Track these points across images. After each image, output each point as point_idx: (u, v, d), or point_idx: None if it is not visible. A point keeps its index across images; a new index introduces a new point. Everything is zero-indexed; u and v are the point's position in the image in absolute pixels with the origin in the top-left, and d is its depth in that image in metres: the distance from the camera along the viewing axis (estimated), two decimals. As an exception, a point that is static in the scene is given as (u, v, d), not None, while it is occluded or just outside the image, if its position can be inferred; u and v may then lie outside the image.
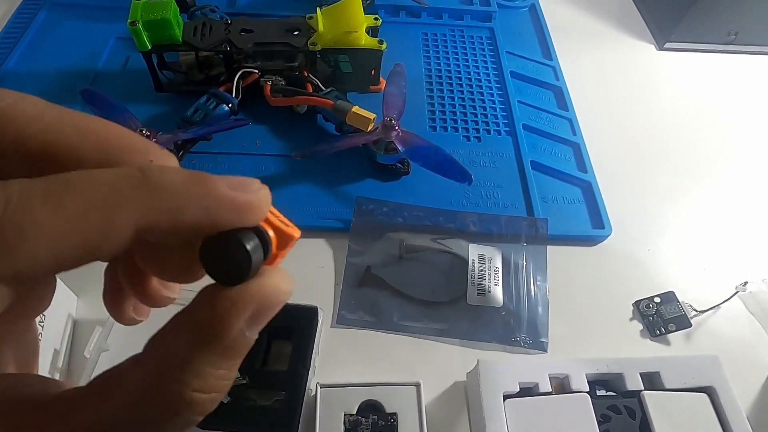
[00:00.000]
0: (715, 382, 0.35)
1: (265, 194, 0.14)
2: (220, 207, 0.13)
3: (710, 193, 0.52)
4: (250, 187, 0.13)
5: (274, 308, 0.14)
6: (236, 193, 0.13)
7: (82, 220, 0.11)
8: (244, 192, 0.13)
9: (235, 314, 0.13)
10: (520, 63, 0.61)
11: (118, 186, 0.12)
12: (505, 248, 0.44)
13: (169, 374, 0.12)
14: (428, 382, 0.36)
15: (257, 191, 0.13)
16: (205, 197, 0.12)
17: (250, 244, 0.13)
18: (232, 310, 0.13)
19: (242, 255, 0.13)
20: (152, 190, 0.12)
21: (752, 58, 0.67)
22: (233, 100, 0.48)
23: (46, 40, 0.58)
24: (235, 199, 0.13)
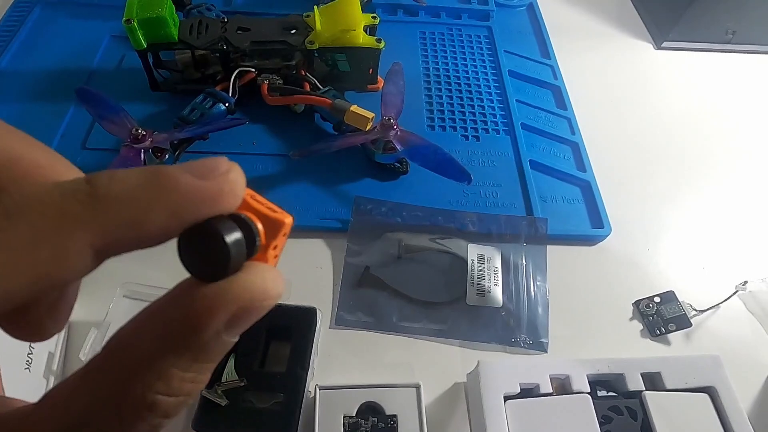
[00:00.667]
0: (716, 382, 0.35)
1: (236, 175, 0.12)
2: (185, 203, 0.11)
3: (710, 192, 0.52)
4: (218, 170, 0.12)
5: (257, 311, 0.12)
6: (202, 182, 0.11)
7: (29, 252, 0.10)
8: (212, 177, 0.11)
9: (212, 315, 0.11)
10: (519, 62, 0.61)
11: (65, 206, 0.10)
12: (505, 248, 0.44)
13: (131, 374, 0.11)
14: (428, 383, 0.36)
15: (226, 173, 0.12)
16: (165, 198, 0.11)
17: (228, 234, 0.12)
18: (208, 310, 0.11)
19: (220, 247, 0.11)
20: (104, 204, 0.10)
21: (750, 57, 0.67)
22: (230, 99, 0.48)
23: (40, 39, 0.58)
24: (201, 189, 0.11)
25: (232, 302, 0.11)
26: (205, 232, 0.11)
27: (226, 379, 0.33)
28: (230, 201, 0.12)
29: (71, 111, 0.51)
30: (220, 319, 0.11)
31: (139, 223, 0.11)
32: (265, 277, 0.12)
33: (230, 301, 0.11)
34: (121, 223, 0.11)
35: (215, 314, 0.11)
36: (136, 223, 0.11)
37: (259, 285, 0.12)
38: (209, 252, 0.11)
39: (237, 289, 0.12)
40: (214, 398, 0.32)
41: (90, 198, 0.10)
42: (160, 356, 0.11)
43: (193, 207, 0.11)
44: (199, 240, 0.11)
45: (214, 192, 0.11)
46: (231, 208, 0.12)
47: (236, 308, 0.11)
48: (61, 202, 0.10)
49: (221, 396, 0.33)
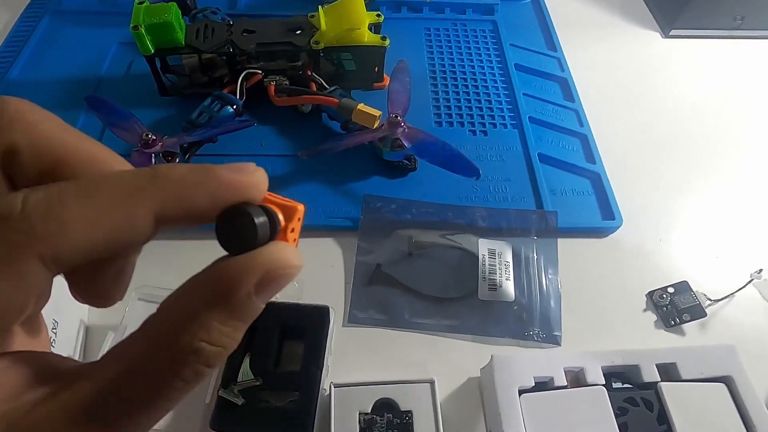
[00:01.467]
0: (733, 371, 0.34)
1: (262, 174, 0.15)
2: (223, 189, 0.14)
3: (721, 180, 0.51)
4: (248, 169, 0.15)
5: (280, 278, 0.14)
6: (236, 175, 0.14)
7: (110, 211, 0.13)
8: (243, 174, 0.15)
9: (244, 277, 0.14)
10: (525, 55, 0.61)
11: (137, 182, 0.13)
12: (515, 242, 0.44)
13: (179, 325, 0.14)
14: (442, 378, 0.36)
15: (254, 172, 0.15)
16: (209, 183, 0.14)
17: (256, 215, 0.14)
18: (240, 273, 0.14)
19: (248, 224, 0.14)
20: (164, 183, 0.14)
21: (760, 43, 0.66)
22: (238, 101, 0.48)
23: (48, 48, 0.58)
24: (235, 180, 0.14)
25: (260, 267, 0.14)
26: (237, 213, 0.14)
27: (242, 379, 0.34)
28: (256, 191, 0.15)
29: (82, 119, 0.51)
30: (250, 281, 0.14)
31: (189, 199, 0.14)
32: (286, 250, 0.15)
33: (258, 266, 0.14)
34: (176, 198, 0.14)
35: (246, 277, 0.14)
36: (186, 199, 0.14)
37: (281, 254, 0.14)
38: (241, 229, 0.14)
39: (263, 257, 0.14)
40: (231, 398, 0.33)
41: (153, 176, 0.14)
42: (204, 310, 0.14)
43: (227, 193, 0.14)
44: (232, 220, 0.14)
45: (244, 183, 0.15)
46: (256, 197, 0.15)
47: (263, 273, 0.14)
48: (132, 178, 0.14)
49: (238, 395, 0.33)
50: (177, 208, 0.14)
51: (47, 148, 0.15)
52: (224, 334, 0.14)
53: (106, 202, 0.13)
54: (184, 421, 0.35)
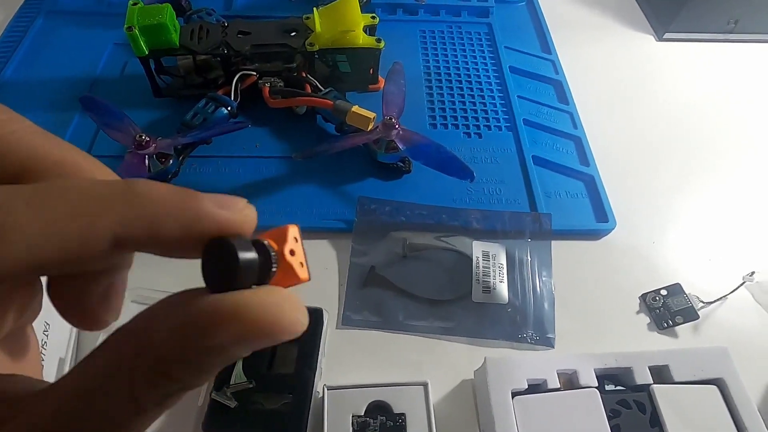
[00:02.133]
0: (725, 373, 0.34)
1: (249, 213, 0.13)
2: (200, 223, 0.12)
3: (715, 183, 0.52)
4: (236, 206, 0.13)
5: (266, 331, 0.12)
6: (219, 210, 0.13)
7: (62, 224, 0.11)
8: (229, 211, 0.13)
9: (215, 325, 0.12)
10: (519, 58, 0.61)
11: (101, 194, 0.12)
12: (509, 244, 0.44)
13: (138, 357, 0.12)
14: (435, 381, 0.36)
15: (242, 210, 0.13)
16: (185, 211, 0.12)
17: (241, 248, 0.12)
18: (212, 318, 0.12)
19: (231, 259, 0.12)
20: (134, 199, 0.12)
21: (753, 47, 0.67)
22: (232, 103, 0.48)
23: (43, 49, 0.58)
24: (216, 215, 0.13)
25: (238, 315, 0.12)
26: (221, 245, 0.12)
27: (234, 381, 0.33)
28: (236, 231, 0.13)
29: (76, 119, 0.51)
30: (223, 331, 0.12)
31: (158, 225, 0.12)
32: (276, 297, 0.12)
33: (235, 314, 0.12)
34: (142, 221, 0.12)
35: (219, 325, 0.12)
36: (154, 225, 0.12)
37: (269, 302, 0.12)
38: (222, 263, 0.12)
39: (242, 302, 0.12)
40: (224, 400, 0.33)
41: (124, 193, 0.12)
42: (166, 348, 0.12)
43: (205, 227, 0.13)
44: (216, 252, 0.13)
45: (226, 221, 0.13)
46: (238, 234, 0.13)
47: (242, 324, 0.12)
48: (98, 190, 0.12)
49: (230, 398, 0.33)
50: (142, 232, 0.12)
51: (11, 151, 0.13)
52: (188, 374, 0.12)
53: (59, 213, 0.11)
54: (176, 423, 0.35)
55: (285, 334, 0.12)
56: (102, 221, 0.12)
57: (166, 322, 0.12)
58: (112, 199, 0.12)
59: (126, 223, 0.12)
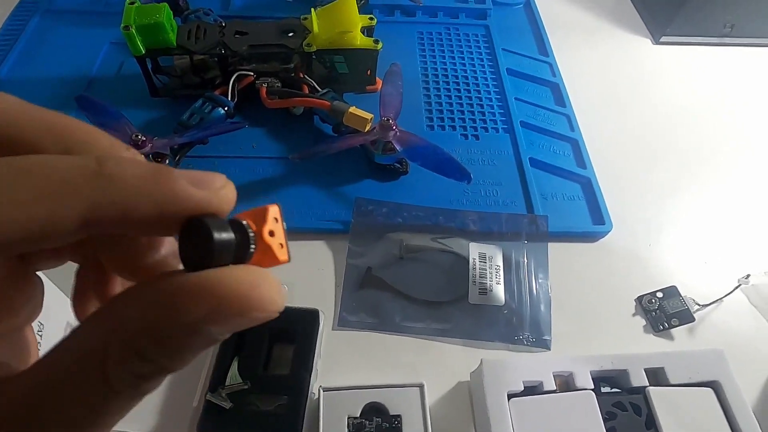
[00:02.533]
0: (720, 376, 0.35)
1: (227, 193, 0.13)
2: (175, 203, 0.12)
3: (710, 186, 0.52)
4: (212, 184, 0.13)
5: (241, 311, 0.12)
6: (194, 191, 0.12)
7: (28, 207, 0.11)
8: (205, 188, 0.12)
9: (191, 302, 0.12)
10: (517, 60, 0.61)
11: (70, 175, 0.11)
12: (506, 246, 0.44)
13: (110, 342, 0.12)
14: (432, 382, 0.36)
15: (219, 189, 0.13)
16: (158, 192, 0.12)
17: (216, 228, 0.12)
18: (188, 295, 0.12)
19: (205, 237, 0.12)
20: (104, 182, 0.11)
21: (748, 50, 0.67)
22: (229, 103, 0.48)
23: (39, 47, 0.58)
24: (191, 196, 0.12)
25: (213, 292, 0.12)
26: (196, 225, 0.12)
27: (229, 383, 0.33)
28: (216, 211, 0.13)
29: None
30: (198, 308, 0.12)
31: (128, 207, 0.12)
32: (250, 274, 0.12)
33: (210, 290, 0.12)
34: (114, 201, 0.11)
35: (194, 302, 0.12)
36: (125, 206, 0.12)
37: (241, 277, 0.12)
38: (198, 243, 0.12)
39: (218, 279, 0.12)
40: (219, 401, 0.33)
41: (94, 173, 0.11)
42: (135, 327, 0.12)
43: (180, 207, 0.12)
44: (192, 231, 0.12)
45: (202, 200, 0.12)
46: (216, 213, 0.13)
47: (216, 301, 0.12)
48: (67, 170, 0.11)
49: (225, 399, 0.33)
50: (113, 215, 0.12)
51: None
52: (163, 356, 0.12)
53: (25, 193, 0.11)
54: (170, 424, 0.34)
55: (259, 311, 0.12)
56: (70, 204, 0.11)
57: (139, 301, 0.12)
58: (80, 182, 0.11)
59: (95, 207, 0.11)
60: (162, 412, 0.35)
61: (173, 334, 0.12)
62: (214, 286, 0.12)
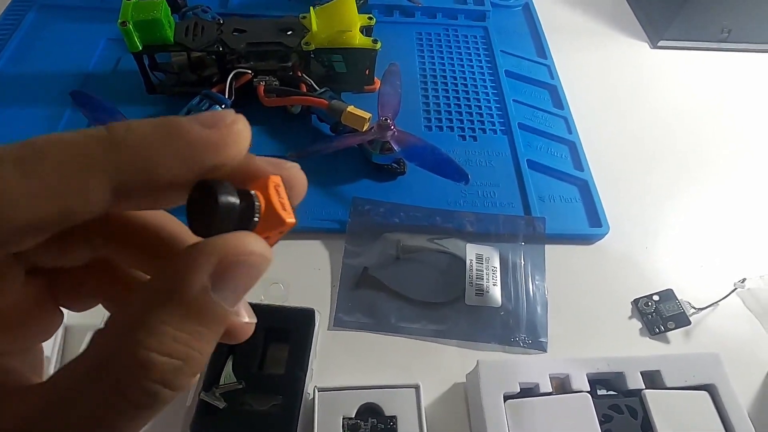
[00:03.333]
0: (716, 379, 0.34)
1: (241, 126, 0.13)
2: (193, 150, 0.12)
3: (707, 190, 0.52)
4: (224, 120, 0.12)
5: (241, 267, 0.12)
6: (208, 131, 0.12)
7: (56, 181, 0.11)
8: (218, 127, 0.12)
9: (193, 266, 0.12)
10: (515, 62, 0.61)
11: (88, 148, 0.11)
12: (503, 248, 0.44)
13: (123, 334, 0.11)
14: (427, 384, 0.35)
15: (231, 124, 0.12)
16: (175, 143, 0.12)
17: (223, 194, 0.12)
18: (189, 259, 0.12)
19: (211, 203, 0.12)
20: (121, 148, 0.11)
21: (745, 56, 0.67)
22: (226, 101, 0.47)
23: (34, 42, 0.57)
24: (207, 137, 0.12)
25: (212, 253, 0.12)
26: (204, 188, 0.12)
27: (224, 382, 0.33)
28: (233, 150, 0.12)
29: (67, 114, 0.50)
30: (201, 270, 0.12)
31: (151, 166, 0.12)
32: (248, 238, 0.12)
33: (210, 252, 0.12)
34: (135, 166, 0.11)
35: (197, 266, 0.12)
36: (148, 166, 0.12)
37: (240, 241, 0.12)
38: (204, 207, 0.12)
39: (218, 241, 0.12)
40: (212, 401, 0.32)
41: (108, 143, 0.11)
42: (149, 310, 0.11)
43: (199, 154, 0.12)
44: (199, 196, 0.12)
45: (218, 140, 0.12)
46: (235, 156, 0.13)
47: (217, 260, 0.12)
48: (84, 143, 0.11)
49: (219, 399, 0.32)
50: (138, 178, 0.12)
51: None
52: (181, 341, 0.11)
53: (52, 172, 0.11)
54: (163, 424, 0.34)
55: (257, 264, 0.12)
56: (95, 177, 0.11)
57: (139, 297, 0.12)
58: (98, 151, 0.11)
59: (120, 173, 0.11)
60: (155, 411, 0.35)
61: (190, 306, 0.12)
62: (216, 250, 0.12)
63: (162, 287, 0.12)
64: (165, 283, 0.12)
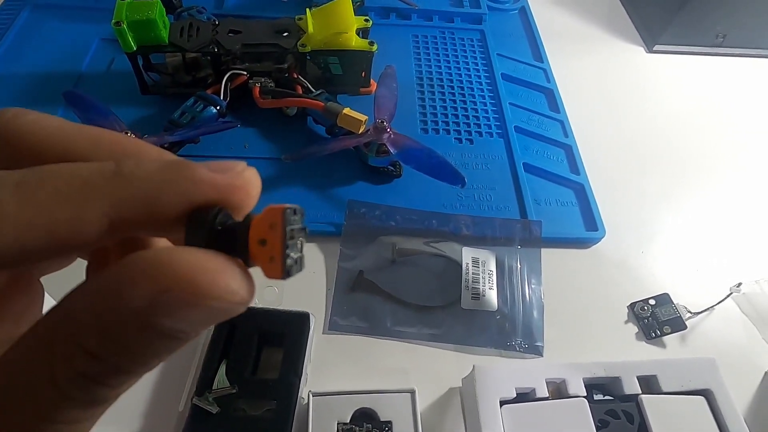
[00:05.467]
0: (712, 384, 0.34)
1: (252, 174, 0.13)
2: (198, 190, 0.12)
3: (703, 194, 0.52)
4: (234, 169, 0.12)
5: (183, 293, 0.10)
6: (215, 175, 0.12)
7: (51, 210, 0.11)
8: (227, 173, 0.12)
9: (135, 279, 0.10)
10: (511, 65, 0.61)
11: (91, 178, 0.11)
12: (499, 251, 0.44)
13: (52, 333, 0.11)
14: (423, 388, 0.35)
15: (241, 173, 0.12)
16: (181, 182, 0.12)
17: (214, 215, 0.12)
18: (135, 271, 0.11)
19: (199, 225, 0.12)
20: (124, 180, 0.11)
21: (740, 60, 0.68)
22: (221, 102, 0.47)
23: (28, 42, 0.57)
24: (214, 179, 0.12)
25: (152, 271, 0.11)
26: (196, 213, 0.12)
27: (217, 387, 0.33)
28: (242, 195, 0.12)
29: (60, 115, 0.49)
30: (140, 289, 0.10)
31: (152, 200, 0.11)
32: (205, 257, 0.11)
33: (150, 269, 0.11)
34: (136, 199, 0.11)
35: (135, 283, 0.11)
36: (149, 200, 0.11)
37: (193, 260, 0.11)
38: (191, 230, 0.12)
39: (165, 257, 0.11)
40: (205, 406, 0.32)
41: (114, 174, 0.11)
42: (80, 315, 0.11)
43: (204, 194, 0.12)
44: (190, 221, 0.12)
45: (225, 184, 0.12)
46: (241, 202, 0.12)
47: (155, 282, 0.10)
48: (88, 174, 0.11)
49: (213, 404, 0.32)
50: (138, 210, 0.11)
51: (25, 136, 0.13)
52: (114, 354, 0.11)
53: (48, 200, 0.11)
54: (155, 429, 0.34)
55: (211, 299, 0.11)
56: (93, 207, 0.11)
57: (87, 289, 0.11)
58: (101, 182, 0.11)
59: (120, 205, 0.11)
60: (146, 416, 0.34)
61: (120, 326, 0.11)
62: (159, 266, 0.11)
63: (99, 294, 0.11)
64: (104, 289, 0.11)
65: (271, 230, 0.12)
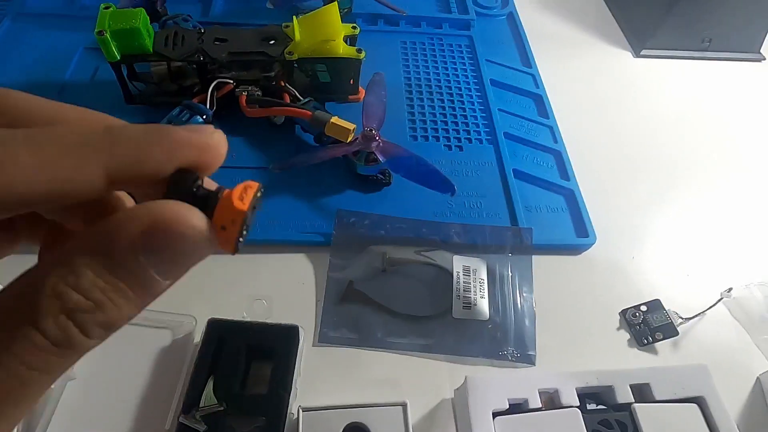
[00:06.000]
0: (705, 391, 0.34)
1: (220, 135, 0.15)
2: (180, 148, 0.14)
3: (692, 199, 0.52)
4: (206, 131, 0.15)
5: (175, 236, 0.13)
6: (192, 134, 0.14)
7: (57, 161, 0.12)
8: (201, 134, 0.14)
9: (125, 221, 0.13)
10: (500, 71, 0.61)
11: (89, 137, 0.13)
12: (490, 259, 0.44)
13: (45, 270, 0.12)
14: (415, 400, 0.35)
15: (212, 133, 0.15)
16: (164, 141, 0.14)
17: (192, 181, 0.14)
18: (123, 217, 0.13)
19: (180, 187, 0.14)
20: (118, 140, 0.13)
21: (726, 65, 0.68)
22: (207, 111, 0.46)
23: (10, 51, 0.56)
24: (191, 138, 0.14)
25: (146, 213, 0.13)
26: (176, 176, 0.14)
27: (204, 404, 0.32)
28: (214, 152, 0.14)
29: (42, 125, 0.49)
30: (132, 225, 0.13)
31: (142, 157, 0.13)
32: (185, 208, 0.13)
33: (144, 212, 0.13)
34: (130, 155, 0.13)
35: (128, 219, 0.13)
36: (140, 157, 0.13)
37: (176, 208, 0.13)
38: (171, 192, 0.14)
39: (154, 204, 0.13)
40: (192, 424, 0.31)
41: (107, 134, 0.13)
42: (75, 254, 0.12)
43: (185, 152, 0.14)
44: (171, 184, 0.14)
45: (201, 142, 0.14)
46: (215, 159, 0.15)
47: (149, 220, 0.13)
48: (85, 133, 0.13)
49: (200, 422, 0.31)
50: (131, 165, 0.13)
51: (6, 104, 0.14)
52: (98, 287, 0.12)
53: (55, 152, 0.12)
54: (141, 449, 0.33)
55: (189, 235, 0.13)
56: (93, 159, 0.13)
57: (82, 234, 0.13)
58: (97, 140, 0.13)
59: (115, 160, 0.13)
60: None
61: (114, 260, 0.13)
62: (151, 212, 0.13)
63: (92, 238, 0.13)
64: (96, 235, 0.13)
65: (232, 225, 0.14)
